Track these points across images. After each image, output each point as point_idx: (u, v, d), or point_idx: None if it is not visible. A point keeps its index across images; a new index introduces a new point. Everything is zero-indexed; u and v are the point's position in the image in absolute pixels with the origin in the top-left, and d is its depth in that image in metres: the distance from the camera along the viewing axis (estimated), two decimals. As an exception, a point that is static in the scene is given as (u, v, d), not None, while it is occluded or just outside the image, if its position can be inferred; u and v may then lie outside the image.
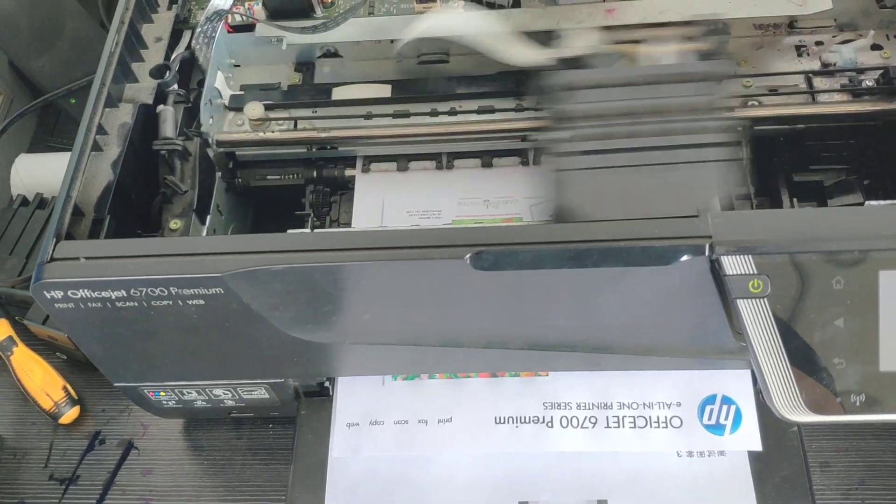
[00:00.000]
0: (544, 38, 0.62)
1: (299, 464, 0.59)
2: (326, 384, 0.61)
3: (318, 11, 0.66)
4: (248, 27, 0.66)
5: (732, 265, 0.44)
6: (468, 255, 0.45)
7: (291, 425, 0.62)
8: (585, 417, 0.57)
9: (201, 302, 0.48)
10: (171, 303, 0.48)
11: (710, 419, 0.56)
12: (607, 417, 0.57)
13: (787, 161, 0.62)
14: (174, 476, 0.67)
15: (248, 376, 0.58)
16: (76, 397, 0.71)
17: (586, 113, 0.53)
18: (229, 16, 0.65)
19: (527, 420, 0.57)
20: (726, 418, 0.56)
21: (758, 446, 0.56)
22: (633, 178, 0.51)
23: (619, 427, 0.57)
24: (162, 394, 0.59)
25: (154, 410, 0.63)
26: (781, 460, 0.56)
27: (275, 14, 0.65)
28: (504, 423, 0.57)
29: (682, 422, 0.56)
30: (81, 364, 0.73)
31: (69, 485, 0.67)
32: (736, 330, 0.47)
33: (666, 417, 0.57)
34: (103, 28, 0.84)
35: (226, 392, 0.59)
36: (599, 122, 0.52)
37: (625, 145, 0.51)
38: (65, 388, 0.70)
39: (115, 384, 0.58)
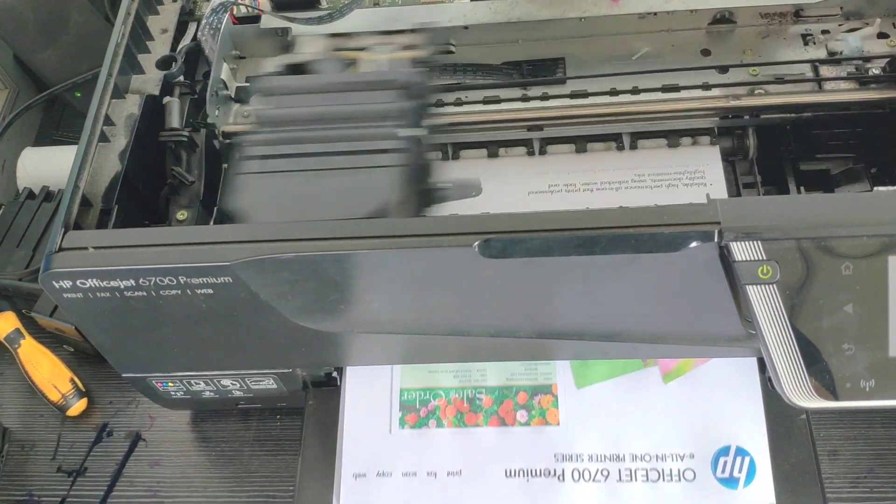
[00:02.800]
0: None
1: (307, 454, 0.59)
2: (334, 374, 0.61)
3: (324, 2, 0.66)
4: (253, 18, 0.66)
5: (741, 251, 0.44)
6: (476, 243, 0.45)
7: (299, 416, 0.62)
8: (597, 470, 0.56)
9: (210, 291, 0.48)
10: (179, 292, 0.48)
11: (723, 472, 0.55)
12: (619, 470, 0.56)
13: (793, 150, 0.62)
14: (182, 467, 0.67)
15: (256, 366, 0.58)
16: (84, 389, 0.71)
17: (279, 118, 0.56)
18: (235, 7, 0.65)
19: (537, 473, 0.56)
20: (740, 471, 0.55)
21: (772, 500, 0.54)
22: (305, 181, 0.53)
23: (631, 481, 0.55)
24: (170, 384, 0.59)
25: (162, 402, 0.63)
26: (790, 448, 0.56)
27: (280, 5, 0.65)
28: (514, 476, 0.56)
29: (695, 475, 0.55)
30: (89, 356, 0.73)
31: (77, 477, 0.67)
32: (745, 317, 0.47)
33: (679, 470, 0.55)
34: (108, 22, 0.84)
35: (234, 382, 0.59)
36: (292, 127, 0.56)
37: (311, 150, 0.54)
38: (72, 381, 0.70)
39: (123, 375, 0.58)
